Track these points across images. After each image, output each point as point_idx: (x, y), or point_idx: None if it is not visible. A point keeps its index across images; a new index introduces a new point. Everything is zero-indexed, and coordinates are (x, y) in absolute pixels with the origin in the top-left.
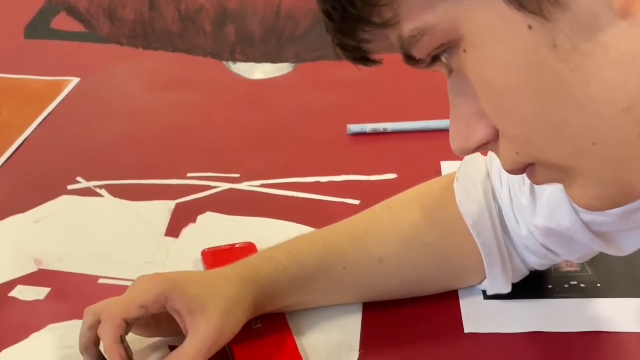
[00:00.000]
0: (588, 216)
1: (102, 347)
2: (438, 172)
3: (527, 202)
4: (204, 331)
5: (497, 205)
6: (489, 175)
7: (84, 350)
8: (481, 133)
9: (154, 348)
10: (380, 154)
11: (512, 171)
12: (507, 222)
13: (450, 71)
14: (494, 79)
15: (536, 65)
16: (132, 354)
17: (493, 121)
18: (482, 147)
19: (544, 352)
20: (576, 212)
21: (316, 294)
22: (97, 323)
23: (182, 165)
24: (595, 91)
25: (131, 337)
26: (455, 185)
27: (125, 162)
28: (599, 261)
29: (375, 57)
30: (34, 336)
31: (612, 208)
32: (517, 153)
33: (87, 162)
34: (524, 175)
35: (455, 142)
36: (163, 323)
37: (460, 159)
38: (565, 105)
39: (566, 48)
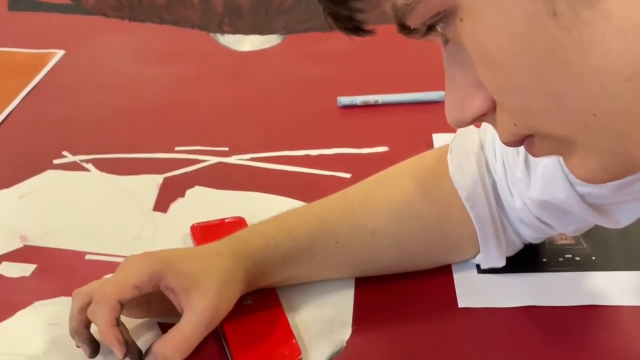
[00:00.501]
0: (583, 188)
1: (92, 329)
2: (430, 144)
3: (522, 175)
4: (200, 308)
5: (491, 177)
6: (482, 147)
7: (74, 333)
8: (478, 104)
9: (145, 327)
10: (371, 127)
11: (510, 143)
12: (501, 195)
13: (446, 41)
14: (491, 48)
15: (535, 33)
16: (128, 334)
17: (490, 92)
18: (479, 119)
19: (539, 327)
20: (571, 184)
21: (308, 269)
22: (87, 305)
23: (170, 139)
24: (597, 60)
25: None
26: (449, 157)
27: (112, 136)
28: (594, 234)
29: (368, 27)
30: (20, 313)
31: (613, 180)
32: (515, 124)
33: (73, 136)
34: (519, 147)
35: (451, 114)
36: (154, 303)
37: (453, 130)
38: (566, 74)
39: (566, 15)
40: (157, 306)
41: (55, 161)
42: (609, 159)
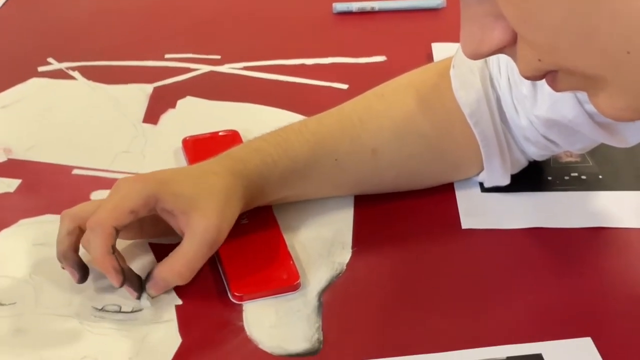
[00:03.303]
0: (592, 107)
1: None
2: (429, 54)
3: (528, 92)
4: (202, 229)
5: (495, 93)
6: (486, 61)
7: (62, 257)
8: (497, 37)
9: (137, 249)
10: (368, 35)
11: (531, 77)
12: (505, 112)
13: None
14: None
15: None
16: (124, 260)
17: (513, 26)
18: (497, 52)
19: (544, 249)
20: (580, 103)
21: (306, 187)
22: (76, 229)
23: (160, 45)
24: None
25: None
26: (452, 72)
27: (100, 42)
28: (600, 151)
29: None
30: (4, 233)
31: None
32: (540, 60)
33: (58, 41)
34: None
35: (467, 46)
36: (146, 225)
37: (453, 40)
38: (599, 10)
39: None
40: (149, 229)
41: (40, 68)
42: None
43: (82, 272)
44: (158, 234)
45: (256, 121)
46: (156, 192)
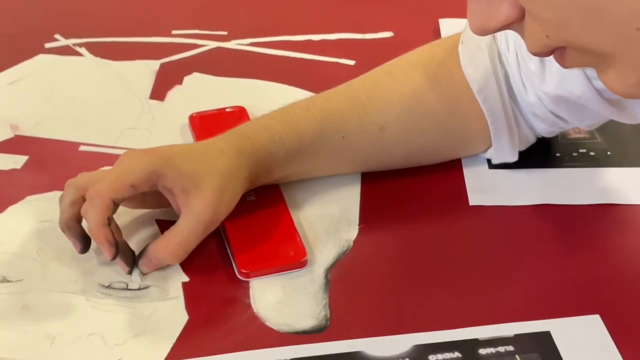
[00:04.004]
0: (601, 83)
1: (84, 223)
2: (436, 30)
3: (536, 68)
4: (198, 210)
5: (504, 69)
6: (494, 37)
7: (65, 227)
8: (505, 13)
9: (142, 223)
10: (375, 10)
11: (539, 54)
12: (514, 88)
13: None
14: None
15: None
16: (120, 234)
17: (521, 2)
18: (505, 28)
19: (552, 226)
20: (588, 79)
21: (313, 165)
22: (80, 199)
23: (166, 22)
24: None
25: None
26: (460, 49)
27: (107, 18)
28: (609, 128)
29: None
30: (11, 209)
31: None
32: (548, 36)
33: (65, 18)
34: None
35: (474, 22)
36: (148, 197)
37: (460, 15)
38: None
39: None
40: (151, 200)
41: (47, 45)
42: None
43: (84, 242)
44: (160, 205)
45: (263, 97)
46: (159, 168)
